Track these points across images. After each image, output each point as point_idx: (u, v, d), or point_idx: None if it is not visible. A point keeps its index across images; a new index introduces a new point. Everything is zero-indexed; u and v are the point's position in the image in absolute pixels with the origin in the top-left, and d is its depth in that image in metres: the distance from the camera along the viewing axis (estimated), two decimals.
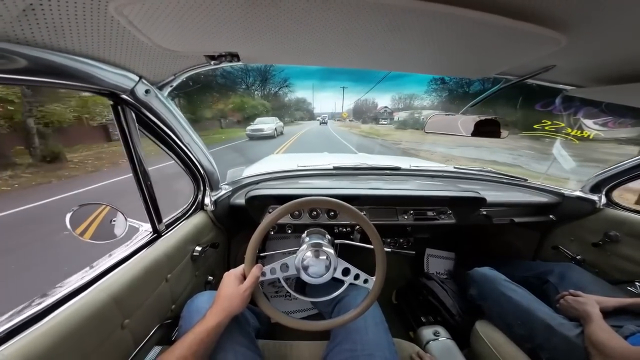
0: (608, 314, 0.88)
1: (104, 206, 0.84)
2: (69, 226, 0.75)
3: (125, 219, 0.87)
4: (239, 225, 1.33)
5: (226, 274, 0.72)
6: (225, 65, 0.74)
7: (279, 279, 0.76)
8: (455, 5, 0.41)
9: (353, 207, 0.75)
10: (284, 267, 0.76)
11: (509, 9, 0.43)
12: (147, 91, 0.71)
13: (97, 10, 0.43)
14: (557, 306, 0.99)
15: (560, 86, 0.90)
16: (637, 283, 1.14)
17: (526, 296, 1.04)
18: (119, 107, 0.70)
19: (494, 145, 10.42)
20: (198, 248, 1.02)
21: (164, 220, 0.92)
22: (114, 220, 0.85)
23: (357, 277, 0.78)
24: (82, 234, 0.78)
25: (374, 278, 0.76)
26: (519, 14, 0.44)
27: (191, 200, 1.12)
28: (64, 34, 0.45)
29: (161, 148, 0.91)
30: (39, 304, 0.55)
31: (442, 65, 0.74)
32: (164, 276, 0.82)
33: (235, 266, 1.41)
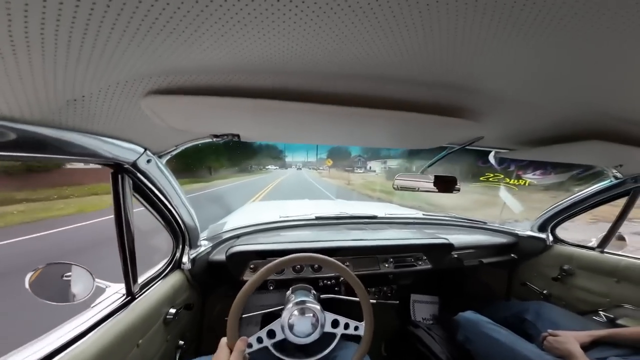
0: (587, 347, 0.94)
1: (70, 265, 0.76)
2: (27, 287, 0.66)
3: (93, 280, 0.78)
4: (215, 283, 1.25)
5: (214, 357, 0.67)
6: (226, 140, 0.82)
7: (267, 348, 0.72)
8: (399, 110, 0.59)
9: (337, 262, 0.79)
10: (271, 333, 0.73)
11: (439, 109, 0.62)
12: (148, 161, 0.74)
13: (129, 103, 0.50)
14: (542, 347, 1.03)
15: (494, 149, 1.12)
16: (600, 312, 1.23)
17: (510, 336, 1.07)
18: (119, 176, 0.71)
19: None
20: (172, 310, 0.92)
21: (138, 281, 0.85)
22: (79, 280, 0.77)
23: (347, 326, 0.78)
24: (42, 294, 0.68)
25: (363, 323, 0.76)
26: (443, 111, 0.62)
27: (168, 259, 1.05)
28: (94, 120, 0.50)
29: (148, 210, 0.90)
30: None
31: (400, 142, 0.93)
32: (135, 342, 0.73)
33: (210, 327, 1.28)
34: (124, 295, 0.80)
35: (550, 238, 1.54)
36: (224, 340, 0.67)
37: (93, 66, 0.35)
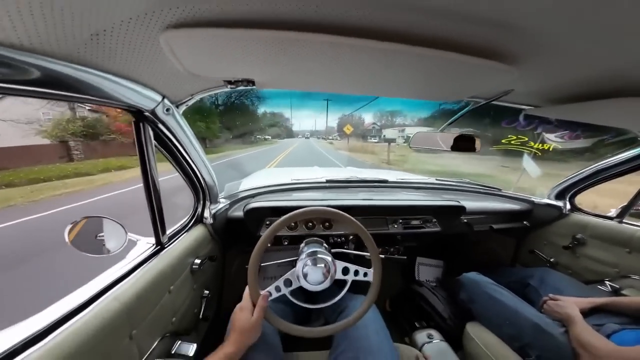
0: (586, 313, 0.97)
1: (104, 219, 0.84)
2: (67, 239, 0.74)
3: (126, 233, 0.86)
4: (234, 238, 1.34)
5: (237, 308, 0.75)
6: (240, 88, 0.80)
7: (285, 295, 0.78)
8: (429, 47, 0.54)
9: (350, 216, 0.80)
10: (287, 282, 0.78)
11: (472, 49, 0.56)
12: (167, 110, 0.76)
13: (149, 38, 0.50)
14: (541, 311, 1.07)
15: (521, 107, 1.04)
16: (606, 282, 1.24)
17: (512, 298, 1.11)
18: (140, 124, 0.74)
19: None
20: (197, 261, 1.01)
21: (167, 232, 0.92)
22: (114, 233, 0.85)
23: (356, 273, 0.82)
24: (80, 247, 0.77)
25: (372, 270, 0.81)
26: (478, 52, 0.56)
27: (191, 213, 1.12)
28: (115, 58, 0.51)
29: (170, 162, 0.94)
30: (54, 313, 0.55)
31: (422, 92, 0.87)
32: (167, 288, 0.82)
33: (230, 280, 1.41)
34: (154, 245, 0.89)
35: (568, 206, 1.51)
36: (247, 291, 0.75)
37: None
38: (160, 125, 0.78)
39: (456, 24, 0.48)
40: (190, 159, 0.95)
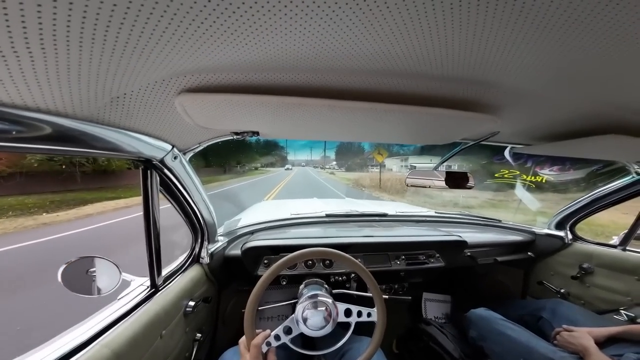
0: (602, 344, 0.92)
1: (98, 258, 0.81)
2: (60, 279, 0.71)
3: (120, 273, 0.83)
4: (230, 278, 1.29)
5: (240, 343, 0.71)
6: (245, 137, 0.86)
7: (285, 344, 0.74)
8: (417, 105, 0.60)
9: (350, 256, 0.79)
10: (287, 330, 0.75)
11: (456, 103, 0.63)
12: (175, 158, 0.79)
13: (164, 101, 0.55)
14: (555, 343, 1.01)
15: (510, 145, 1.10)
16: (621, 311, 1.19)
17: (524, 333, 1.05)
18: (148, 172, 0.76)
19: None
20: (191, 303, 0.96)
21: (162, 274, 0.89)
22: (106, 273, 0.81)
23: (360, 314, 0.79)
24: (73, 287, 0.73)
25: (375, 309, 0.77)
26: (463, 106, 0.63)
27: (188, 253, 1.09)
28: (132, 117, 0.55)
29: (172, 205, 0.96)
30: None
31: (414, 138, 0.94)
32: (159, 332, 0.77)
33: (223, 321, 1.32)
34: (148, 287, 0.85)
35: (570, 236, 1.50)
36: (242, 339, 0.70)
37: (138, 63, 0.39)
38: (167, 171, 0.81)
39: (440, 83, 0.55)
40: (193, 200, 0.96)
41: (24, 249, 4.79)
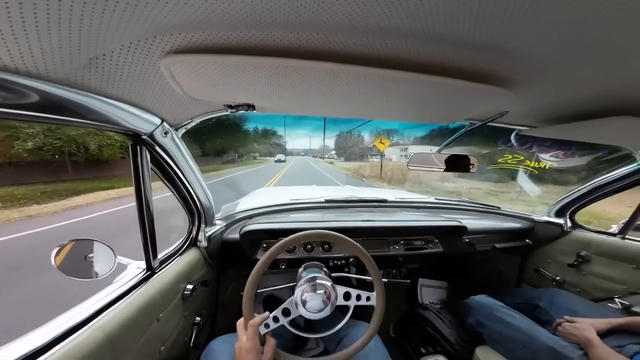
0: (604, 335, 0.93)
1: (93, 241, 0.80)
2: (53, 262, 0.70)
3: (115, 256, 0.82)
4: (229, 262, 1.29)
5: (236, 348, 0.69)
6: (240, 112, 0.80)
7: (284, 325, 0.74)
8: (427, 73, 0.55)
9: (350, 239, 0.78)
10: (286, 311, 0.74)
11: (468, 74, 0.57)
12: (165, 133, 0.75)
13: (149, 64, 0.50)
14: (556, 333, 1.02)
15: (516, 127, 1.06)
16: (616, 299, 1.21)
17: (525, 321, 1.06)
18: (138, 147, 0.72)
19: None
20: (189, 286, 0.96)
21: (158, 257, 0.88)
22: (102, 257, 0.81)
23: (359, 297, 0.78)
24: (67, 270, 0.72)
25: (374, 293, 0.76)
26: (475, 77, 0.58)
27: (185, 236, 1.08)
28: (114, 82, 0.50)
29: (166, 185, 0.92)
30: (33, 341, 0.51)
31: (419, 115, 0.89)
32: (155, 316, 0.76)
33: (222, 305, 1.34)
34: (144, 270, 0.84)
35: (569, 223, 1.49)
36: (240, 321, 0.70)
37: (115, 14, 0.35)
38: (158, 148, 0.77)
39: (453, 50, 0.50)
40: (187, 181, 0.93)
41: None
